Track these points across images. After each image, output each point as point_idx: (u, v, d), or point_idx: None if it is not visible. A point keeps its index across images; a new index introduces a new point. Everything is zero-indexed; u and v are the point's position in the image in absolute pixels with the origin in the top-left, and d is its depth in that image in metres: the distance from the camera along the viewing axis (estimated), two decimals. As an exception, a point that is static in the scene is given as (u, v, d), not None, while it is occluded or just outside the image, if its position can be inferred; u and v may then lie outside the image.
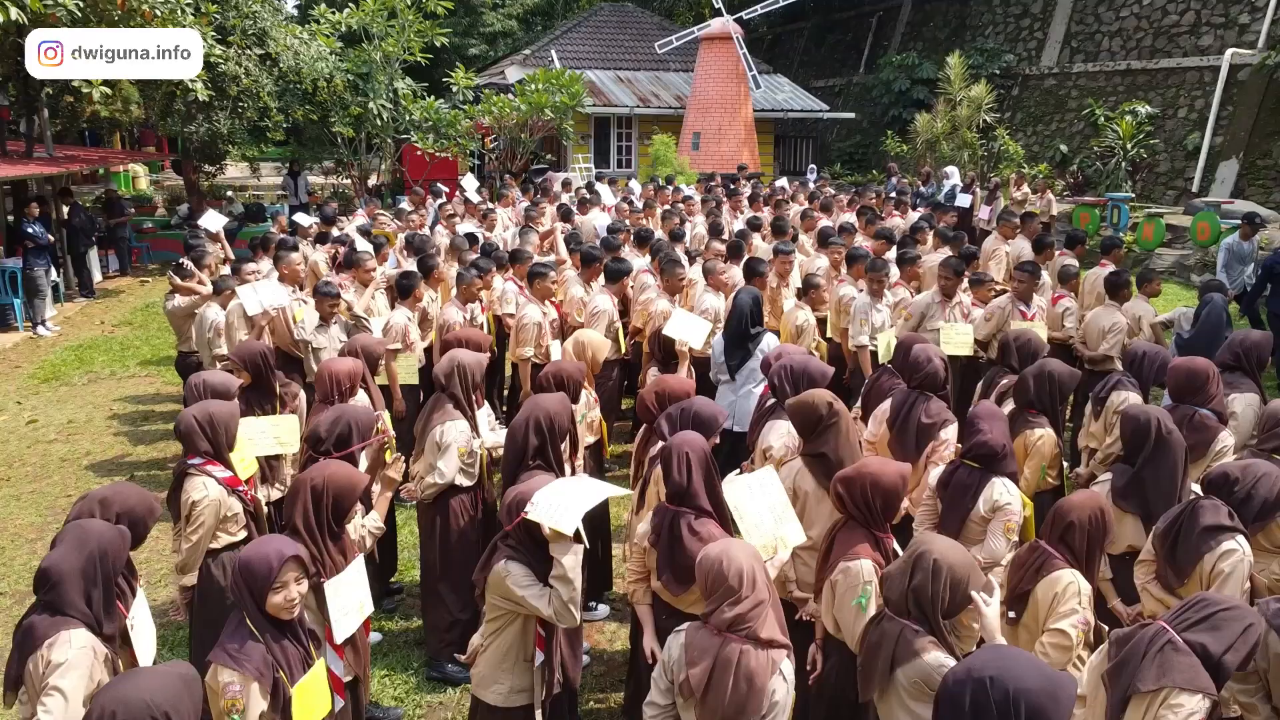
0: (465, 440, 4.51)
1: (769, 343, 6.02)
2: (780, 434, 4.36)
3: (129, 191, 22.14)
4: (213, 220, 10.85)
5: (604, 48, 25.80)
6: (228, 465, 4.01)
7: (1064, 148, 20.51)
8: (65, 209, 14.43)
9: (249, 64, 16.11)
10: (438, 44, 18.61)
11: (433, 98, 18.82)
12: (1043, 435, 4.35)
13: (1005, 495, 3.76)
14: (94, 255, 15.33)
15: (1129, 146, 18.14)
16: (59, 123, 21.34)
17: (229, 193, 20.60)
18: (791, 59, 32.81)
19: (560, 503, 3.13)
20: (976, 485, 3.80)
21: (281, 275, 7.52)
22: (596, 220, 11.64)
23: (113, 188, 17.59)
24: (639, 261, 8.57)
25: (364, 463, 4.26)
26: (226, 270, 8.10)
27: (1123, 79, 20.60)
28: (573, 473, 4.67)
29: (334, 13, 18.00)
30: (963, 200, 15.42)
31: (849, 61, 30.40)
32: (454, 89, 18.98)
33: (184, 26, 12.34)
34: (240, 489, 4.05)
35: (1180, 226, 15.55)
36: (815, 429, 3.85)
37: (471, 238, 9.78)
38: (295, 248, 8.03)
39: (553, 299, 7.14)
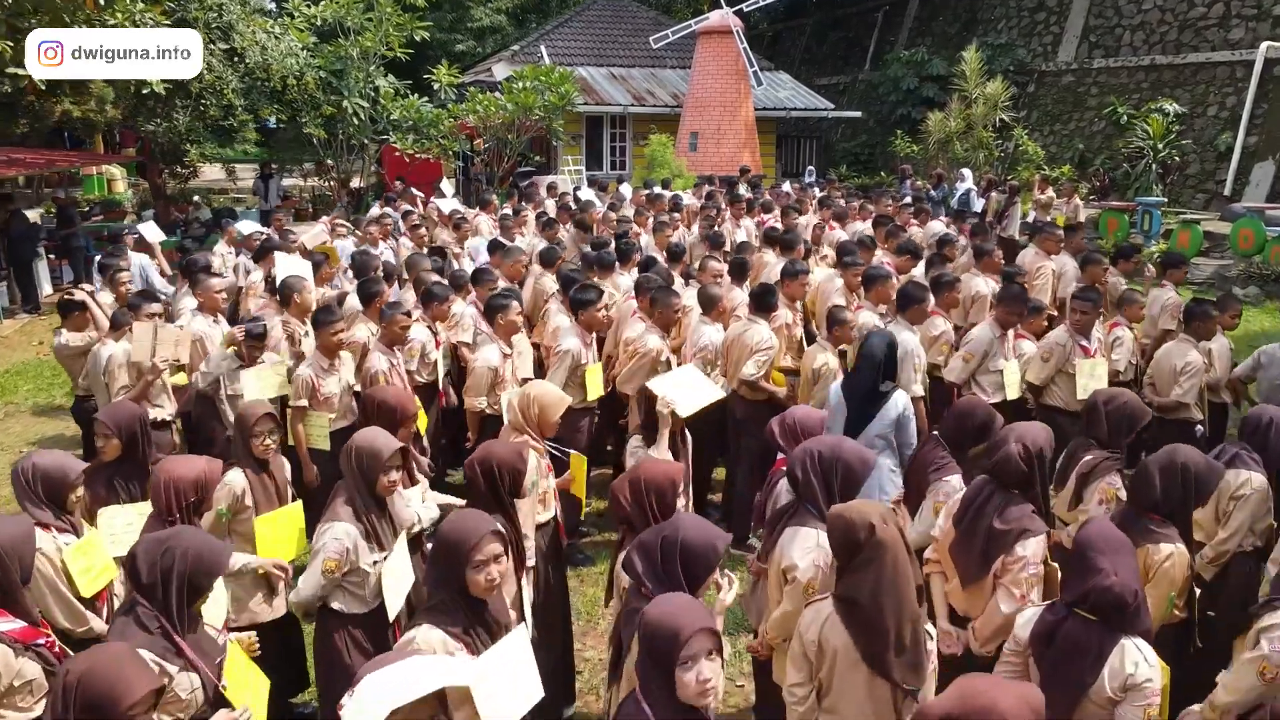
0: (338, 551, 3.30)
1: (899, 403, 4.71)
2: (807, 548, 3.14)
3: (101, 195, 20.93)
4: (151, 230, 9.71)
5: (596, 43, 24.54)
6: (16, 611, 2.81)
7: (1082, 147, 19.36)
8: (6, 216, 13.24)
9: (212, 59, 15.01)
10: (419, 39, 17.57)
11: (415, 96, 17.67)
12: (1172, 553, 3.09)
13: (1143, 667, 2.55)
14: (42, 266, 14.12)
15: (1160, 147, 16.94)
16: (24, 123, 20.19)
17: (195, 197, 19.41)
18: (793, 56, 31.62)
19: (385, 690, 2.17)
20: (1098, 649, 2.59)
21: (200, 304, 6.37)
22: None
23: (59, 194, 16.37)
24: (625, 280, 7.37)
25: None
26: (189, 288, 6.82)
27: (1146, 75, 19.42)
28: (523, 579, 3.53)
29: (308, 5, 16.85)
30: (977, 205, 14.23)
31: (853, 58, 29.22)
32: (436, 86, 17.83)
33: (133, 14, 11.34)
34: (40, 642, 2.85)
35: (1218, 234, 14.38)
36: (850, 559, 2.68)
37: (439, 251, 8.59)
38: (210, 269, 6.86)
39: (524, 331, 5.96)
